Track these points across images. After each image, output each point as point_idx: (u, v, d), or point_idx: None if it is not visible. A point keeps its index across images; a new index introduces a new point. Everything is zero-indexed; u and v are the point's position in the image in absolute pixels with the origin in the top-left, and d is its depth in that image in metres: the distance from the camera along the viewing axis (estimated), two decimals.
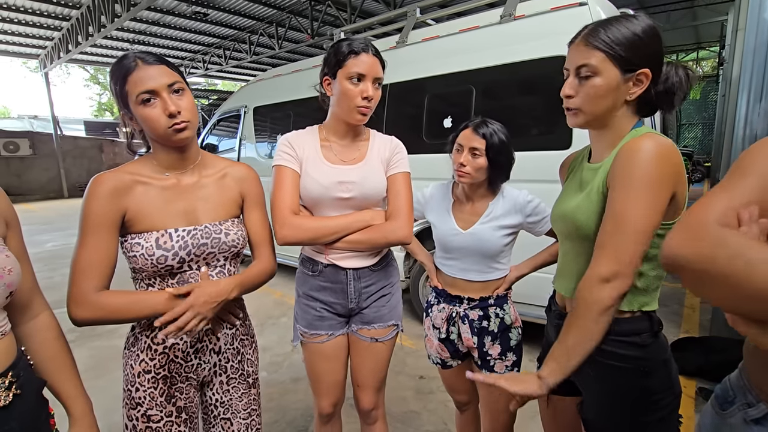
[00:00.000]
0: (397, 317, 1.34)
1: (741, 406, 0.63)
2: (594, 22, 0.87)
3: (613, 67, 0.82)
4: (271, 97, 4.33)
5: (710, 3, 8.99)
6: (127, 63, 0.89)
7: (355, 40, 1.16)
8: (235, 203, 1.08)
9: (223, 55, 11.85)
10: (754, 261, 0.46)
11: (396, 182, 1.25)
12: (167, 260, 0.93)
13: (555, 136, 2.46)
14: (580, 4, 2.39)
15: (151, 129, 0.92)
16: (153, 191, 0.96)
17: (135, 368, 0.97)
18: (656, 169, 0.75)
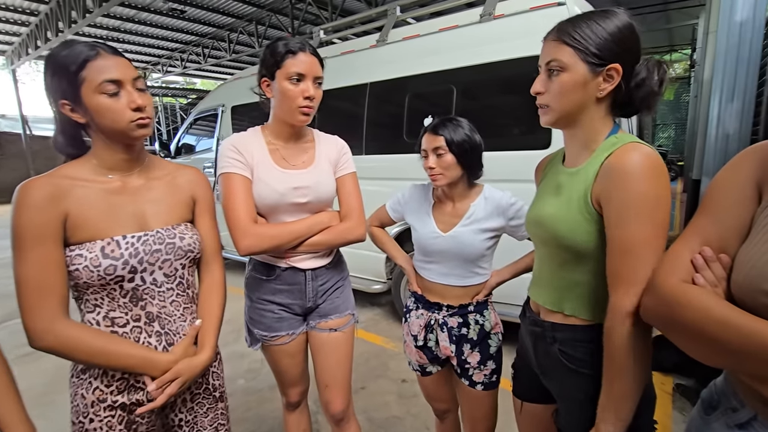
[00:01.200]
0: (351, 307, 1.37)
1: (725, 410, 0.62)
2: (567, 18, 0.83)
3: (581, 63, 0.79)
4: (250, 96, 4.22)
5: (683, 7, 9.26)
6: (84, 49, 0.82)
7: (292, 40, 1.14)
8: (188, 207, 1.02)
9: (201, 54, 11.59)
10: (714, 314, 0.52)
11: (346, 183, 1.30)
12: (116, 270, 0.85)
13: (534, 135, 2.46)
14: (558, 4, 2.40)
15: (111, 122, 0.85)
16: (95, 194, 0.87)
17: (88, 397, 0.88)
18: (655, 187, 0.71)
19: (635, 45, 0.80)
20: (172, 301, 0.96)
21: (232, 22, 9.88)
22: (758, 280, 0.51)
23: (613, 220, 0.75)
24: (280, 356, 1.31)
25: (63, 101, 0.84)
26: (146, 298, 0.91)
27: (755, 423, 0.57)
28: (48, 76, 0.84)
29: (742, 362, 0.51)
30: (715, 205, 0.62)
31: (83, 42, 0.84)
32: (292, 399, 1.41)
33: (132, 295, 0.90)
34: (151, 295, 0.92)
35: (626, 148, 0.76)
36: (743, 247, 0.56)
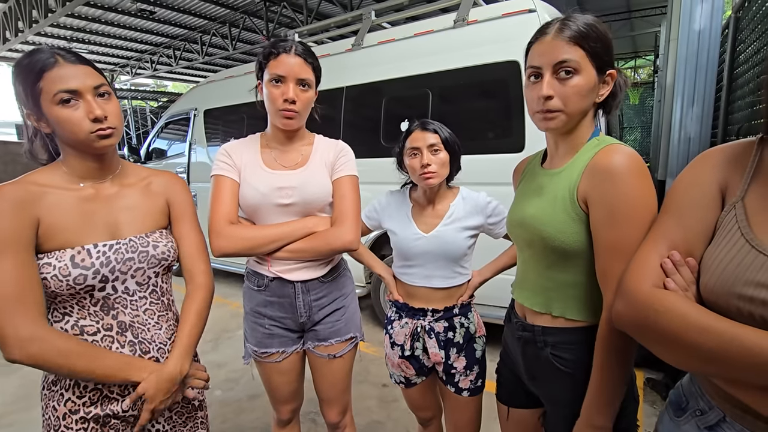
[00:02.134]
0: (355, 328, 1.29)
1: (694, 412, 0.63)
2: (563, 16, 0.81)
3: (591, 66, 0.78)
4: (224, 100, 4.15)
5: (646, 15, 9.68)
6: (43, 57, 0.79)
7: (278, 41, 1.12)
8: (162, 213, 0.99)
9: (173, 56, 11.29)
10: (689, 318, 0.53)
11: (341, 186, 1.19)
12: (86, 280, 0.83)
13: (509, 139, 2.52)
14: (529, 11, 2.46)
15: (70, 133, 0.81)
16: (66, 202, 0.84)
17: (59, 410, 0.85)
18: (641, 187, 0.72)
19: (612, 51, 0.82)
20: (145, 309, 0.93)
21: (205, 23, 9.67)
22: (729, 284, 0.53)
23: (602, 221, 0.75)
24: (270, 373, 1.26)
25: (28, 112, 0.82)
26: (118, 308, 0.89)
27: (724, 424, 0.58)
28: (15, 84, 0.82)
29: (721, 367, 0.52)
30: (679, 207, 0.63)
31: (48, 49, 0.81)
32: (283, 416, 1.34)
33: (103, 304, 0.87)
34: (123, 305, 0.89)
35: (610, 149, 0.76)
36: (709, 249, 0.58)
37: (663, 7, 8.23)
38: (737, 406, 0.56)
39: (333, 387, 1.30)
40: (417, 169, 1.22)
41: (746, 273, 0.52)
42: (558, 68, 0.78)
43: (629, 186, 0.72)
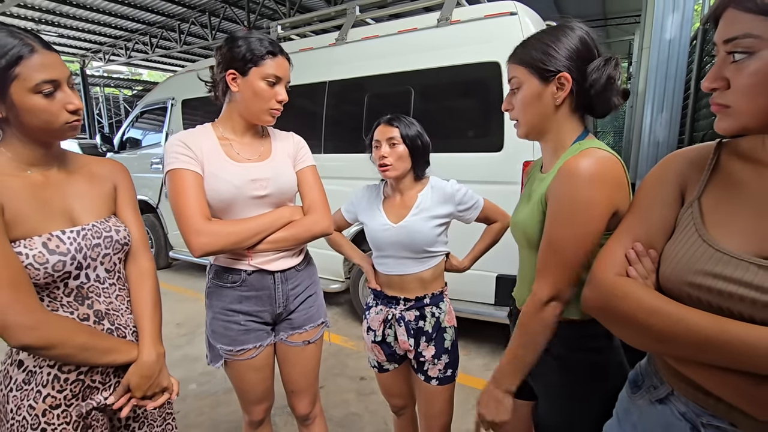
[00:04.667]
0: (324, 314, 1.34)
1: (648, 388, 0.69)
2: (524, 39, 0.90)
3: (532, 77, 0.86)
4: (203, 89, 4.06)
5: (620, 24, 10.01)
6: (14, 42, 0.75)
7: (266, 39, 1.12)
8: (112, 198, 0.98)
9: (149, 43, 10.95)
10: (644, 302, 0.59)
11: (307, 176, 1.26)
12: (65, 266, 0.82)
13: (488, 138, 2.57)
14: (510, 14, 2.52)
15: (44, 122, 0.80)
16: (21, 189, 0.81)
17: (37, 407, 0.82)
18: (591, 193, 0.75)
19: (586, 53, 0.83)
20: (116, 296, 0.93)
21: (184, 11, 9.42)
22: (682, 273, 0.58)
23: (549, 216, 0.82)
24: (244, 371, 1.23)
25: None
26: (92, 297, 0.88)
27: (672, 397, 0.64)
28: None
29: (669, 345, 0.57)
30: (644, 205, 0.68)
31: (6, 29, 0.77)
32: (256, 417, 1.31)
33: (77, 293, 0.86)
34: (97, 293, 0.89)
35: (582, 153, 0.79)
36: (669, 243, 0.63)
37: (637, 16, 8.53)
38: (683, 381, 0.61)
39: (305, 376, 1.31)
40: (377, 161, 1.29)
41: (697, 263, 0.57)
42: (510, 85, 0.91)
43: (579, 189, 0.76)
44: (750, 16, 0.51)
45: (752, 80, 0.52)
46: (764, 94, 0.51)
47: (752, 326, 0.50)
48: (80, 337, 0.82)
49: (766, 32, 0.50)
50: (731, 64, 0.54)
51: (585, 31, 0.85)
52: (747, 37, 0.51)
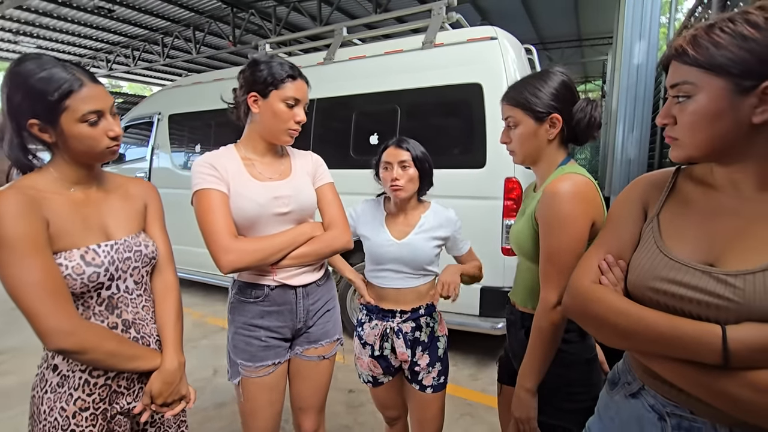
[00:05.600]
0: (339, 331, 1.36)
1: (623, 385, 0.77)
2: (515, 82, 1.08)
3: (528, 118, 1.02)
4: (190, 105, 4.10)
5: (594, 44, 10.50)
6: (66, 77, 0.84)
7: (286, 64, 1.19)
8: (142, 216, 1.06)
9: (131, 56, 10.87)
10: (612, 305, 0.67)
11: (327, 193, 1.31)
12: (99, 277, 0.89)
13: (471, 155, 2.69)
14: (491, 38, 2.67)
15: (88, 147, 0.89)
16: (64, 205, 0.89)
17: (69, 409, 0.88)
18: (571, 208, 0.90)
19: (569, 94, 1.01)
20: (143, 306, 1.00)
21: (167, 25, 9.42)
22: (644, 279, 0.67)
23: (541, 233, 0.97)
24: (259, 391, 1.22)
25: (33, 121, 0.84)
26: (121, 306, 0.95)
27: (643, 392, 0.72)
28: (16, 94, 0.83)
29: (633, 341, 0.66)
30: (614, 222, 0.79)
31: (58, 64, 0.85)
32: None
33: (108, 303, 0.92)
34: (125, 303, 0.95)
35: (561, 177, 0.95)
36: (634, 255, 0.73)
37: (609, 38, 8.98)
38: (651, 375, 0.70)
39: (316, 392, 1.33)
40: (388, 182, 1.35)
41: (655, 270, 0.66)
42: (506, 122, 1.07)
43: (561, 208, 0.92)
44: (687, 68, 0.62)
45: (691, 118, 0.63)
46: (702, 130, 0.62)
47: (699, 323, 0.59)
48: (109, 344, 0.88)
49: (700, 80, 0.61)
50: (676, 105, 0.65)
51: (566, 75, 1.03)
52: (685, 83, 0.62)
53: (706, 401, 0.60)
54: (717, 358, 0.56)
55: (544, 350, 0.96)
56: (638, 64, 3.08)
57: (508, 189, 2.56)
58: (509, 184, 2.56)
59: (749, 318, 0.56)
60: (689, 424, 0.65)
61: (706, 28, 0.60)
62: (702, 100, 0.61)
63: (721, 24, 0.59)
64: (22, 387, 2.50)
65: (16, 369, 2.76)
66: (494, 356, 2.98)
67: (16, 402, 2.34)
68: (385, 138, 3.00)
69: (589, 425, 0.85)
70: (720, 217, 0.65)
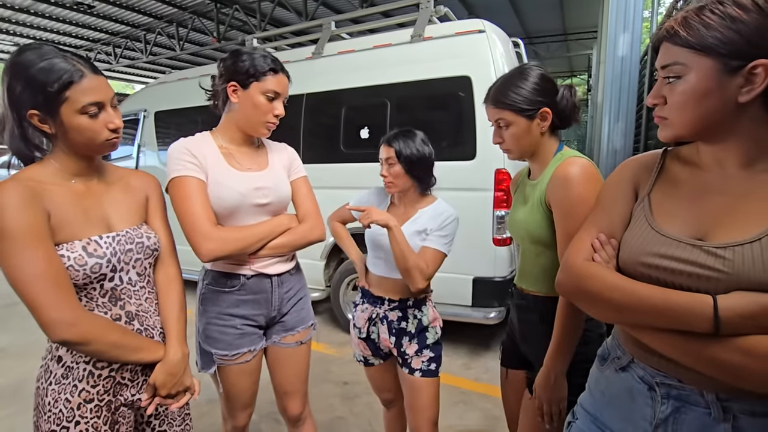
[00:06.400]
0: (312, 316, 1.41)
1: (612, 359, 0.80)
2: (496, 82, 1.10)
3: (520, 117, 1.05)
4: (176, 102, 4.04)
5: (579, 39, 10.63)
6: (67, 68, 0.83)
7: (269, 56, 1.19)
8: (144, 208, 1.05)
9: (112, 53, 10.64)
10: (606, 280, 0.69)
11: (301, 186, 1.34)
12: (102, 268, 0.88)
13: (461, 147, 2.72)
14: (479, 31, 2.69)
15: (88, 139, 0.88)
16: (66, 197, 0.89)
17: (73, 400, 0.88)
18: (586, 191, 0.94)
19: (550, 86, 1.06)
20: (146, 298, 0.99)
21: (150, 21, 9.24)
22: (636, 255, 0.70)
23: (558, 217, 1.00)
24: (238, 377, 1.25)
25: (33, 112, 0.83)
26: (124, 298, 0.94)
27: (632, 365, 0.75)
28: (16, 84, 0.82)
29: (626, 315, 0.69)
30: (606, 202, 0.81)
31: (59, 54, 0.84)
32: (241, 423, 1.34)
33: (111, 295, 0.92)
34: (128, 295, 0.95)
35: (568, 161, 0.99)
36: (626, 233, 0.75)
37: (594, 32, 9.11)
38: (641, 348, 0.72)
39: (298, 376, 1.36)
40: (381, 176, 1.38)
41: (647, 246, 0.69)
42: (497, 124, 1.09)
43: (575, 191, 0.96)
44: (678, 49, 0.64)
45: (681, 98, 0.65)
46: (691, 109, 0.64)
47: (690, 294, 0.62)
48: (113, 336, 0.88)
49: (690, 61, 0.63)
50: (666, 85, 0.67)
51: (540, 68, 1.08)
52: (676, 64, 0.65)
53: (695, 369, 0.63)
54: (708, 327, 0.59)
55: (572, 330, 0.99)
56: (622, 56, 3.13)
57: (498, 180, 2.59)
58: (499, 175, 2.59)
59: (738, 287, 0.59)
60: (677, 393, 0.68)
61: (697, 10, 0.62)
62: (691, 80, 0.63)
63: (711, 6, 0.61)
64: (8, 389, 2.46)
65: (3, 371, 2.71)
66: (487, 346, 3.02)
67: (4, 403, 2.30)
68: (375, 132, 3.02)
69: (580, 401, 0.88)
70: (707, 194, 0.68)
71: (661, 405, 0.69)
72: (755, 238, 0.59)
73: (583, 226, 0.82)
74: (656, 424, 0.69)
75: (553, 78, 1.08)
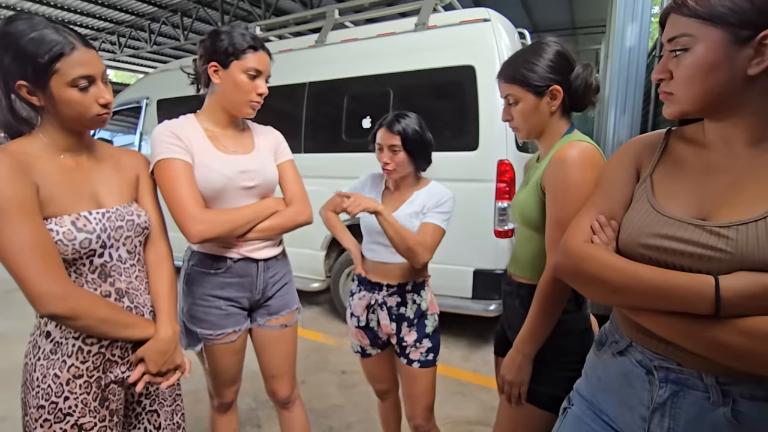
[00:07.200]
0: (296, 301, 1.41)
1: (610, 344, 0.78)
2: (509, 58, 1.06)
3: (528, 93, 1.00)
4: (180, 90, 4.02)
5: (588, 33, 10.49)
6: (57, 39, 0.81)
7: (248, 34, 1.17)
8: (134, 186, 1.04)
9: (117, 42, 10.63)
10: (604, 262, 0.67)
11: (288, 169, 1.33)
12: (91, 243, 0.87)
13: (464, 138, 2.68)
14: (484, 20, 2.65)
15: (77, 114, 0.86)
16: (55, 171, 0.87)
17: (62, 376, 0.87)
18: (581, 175, 0.89)
19: (565, 63, 0.99)
20: (136, 276, 0.98)
21: (154, 11, 9.22)
22: (636, 237, 0.68)
23: (549, 199, 0.95)
24: (223, 355, 1.27)
25: (22, 83, 0.82)
26: (114, 275, 0.93)
27: (630, 349, 0.73)
28: (5, 55, 0.80)
29: (625, 296, 0.66)
30: (607, 184, 0.79)
31: (50, 25, 0.82)
32: (228, 398, 1.38)
33: (100, 271, 0.91)
34: (118, 272, 0.94)
35: (568, 144, 0.94)
36: (627, 214, 0.73)
37: (603, 26, 8.99)
38: (640, 331, 0.70)
39: (284, 359, 1.37)
40: (380, 162, 1.35)
41: (648, 227, 0.66)
42: (506, 100, 1.05)
43: (570, 173, 0.90)
44: (686, 20, 0.62)
45: (688, 71, 0.62)
46: (698, 83, 0.62)
47: (691, 274, 0.59)
48: (103, 311, 0.87)
49: (698, 32, 0.60)
50: (673, 59, 0.64)
51: (559, 44, 1.00)
52: (683, 36, 0.62)
53: (695, 352, 0.61)
54: (709, 308, 0.57)
55: (547, 317, 0.95)
56: (630, 47, 3.07)
57: (501, 171, 2.56)
58: (502, 166, 2.56)
59: (741, 268, 0.57)
60: (676, 376, 0.66)
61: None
62: (699, 52, 0.60)
63: None
64: (6, 373, 2.47)
65: (3, 355, 2.73)
66: (486, 338, 3.01)
67: (2, 386, 2.32)
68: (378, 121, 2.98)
69: (576, 387, 0.86)
70: (711, 174, 0.66)
71: (659, 389, 0.67)
72: (760, 217, 0.57)
73: (582, 208, 0.79)
74: (653, 408, 0.68)
75: (572, 56, 1.00)
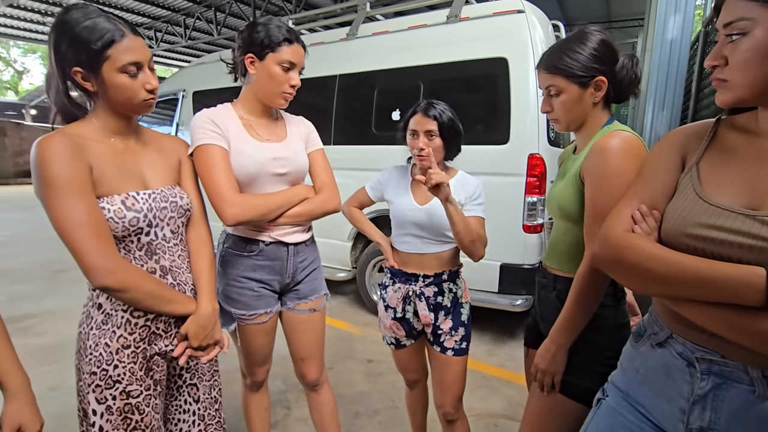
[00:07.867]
0: (325, 287, 1.46)
1: (649, 335, 0.77)
2: (551, 47, 1.03)
3: (572, 84, 0.98)
4: (215, 82, 4.14)
5: (624, 26, 10.10)
6: (110, 27, 0.87)
7: (284, 27, 1.20)
8: (177, 170, 1.09)
9: (153, 38, 11.00)
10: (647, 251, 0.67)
11: (318, 158, 1.37)
12: (139, 222, 0.93)
13: (494, 131, 2.66)
14: (518, 12, 2.61)
15: (126, 98, 0.92)
16: (106, 152, 0.93)
17: (112, 345, 0.93)
18: (622, 164, 0.87)
19: (610, 53, 0.97)
20: (179, 255, 1.04)
21: (189, 6, 9.48)
22: (681, 227, 0.67)
23: (588, 190, 0.93)
24: (256, 335, 1.33)
25: (77, 69, 0.88)
26: (159, 253, 0.99)
27: (671, 340, 0.72)
28: (62, 42, 0.86)
29: (669, 287, 0.66)
30: (649, 172, 0.77)
31: (103, 15, 0.88)
32: (260, 378, 1.44)
33: (147, 249, 0.97)
34: (163, 250, 1.00)
35: (609, 134, 0.92)
36: (670, 204, 0.72)
37: (640, 19, 8.62)
38: (681, 322, 0.70)
39: (314, 342, 1.42)
40: (414, 149, 1.34)
41: (694, 217, 0.65)
42: (548, 91, 1.02)
43: (611, 161, 0.88)
44: (744, 3, 0.60)
45: (745, 56, 0.61)
46: (756, 68, 0.60)
47: (739, 265, 0.58)
48: (149, 285, 0.93)
49: (757, 15, 0.59)
50: (729, 44, 0.63)
51: (603, 33, 0.98)
52: (741, 20, 0.61)
53: (741, 344, 0.60)
54: (759, 299, 0.56)
55: (583, 307, 0.94)
56: (672, 39, 2.96)
57: (531, 165, 2.53)
58: (532, 160, 2.53)
59: None
60: (719, 369, 0.65)
61: None
62: (758, 35, 0.59)
63: None
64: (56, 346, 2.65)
65: (50, 330, 2.92)
66: (512, 333, 2.99)
67: (53, 358, 2.48)
68: None
69: (611, 378, 0.85)
70: (765, 162, 0.64)
71: (701, 381, 0.66)
72: None
73: (623, 197, 0.78)
74: (694, 400, 0.67)
75: (616, 45, 0.98)
